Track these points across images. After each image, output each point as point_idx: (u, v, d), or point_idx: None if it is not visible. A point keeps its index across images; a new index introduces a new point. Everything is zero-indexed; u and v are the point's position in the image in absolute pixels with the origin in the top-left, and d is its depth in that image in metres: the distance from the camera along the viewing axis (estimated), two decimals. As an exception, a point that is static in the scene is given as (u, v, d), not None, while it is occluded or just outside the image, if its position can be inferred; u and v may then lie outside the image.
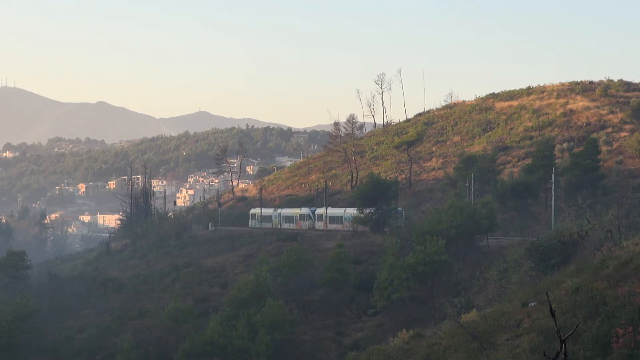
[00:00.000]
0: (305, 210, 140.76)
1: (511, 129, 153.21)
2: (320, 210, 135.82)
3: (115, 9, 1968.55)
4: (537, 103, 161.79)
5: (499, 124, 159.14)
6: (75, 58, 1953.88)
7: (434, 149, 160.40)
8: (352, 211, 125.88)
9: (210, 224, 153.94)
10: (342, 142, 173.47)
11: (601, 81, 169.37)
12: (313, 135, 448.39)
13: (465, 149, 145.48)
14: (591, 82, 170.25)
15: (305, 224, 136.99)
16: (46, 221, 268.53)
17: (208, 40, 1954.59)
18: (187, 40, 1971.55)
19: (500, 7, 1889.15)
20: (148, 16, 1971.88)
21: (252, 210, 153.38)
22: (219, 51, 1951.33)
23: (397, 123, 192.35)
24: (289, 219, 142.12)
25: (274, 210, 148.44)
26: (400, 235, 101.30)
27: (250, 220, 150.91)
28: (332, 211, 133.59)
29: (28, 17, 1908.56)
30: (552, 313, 8.48)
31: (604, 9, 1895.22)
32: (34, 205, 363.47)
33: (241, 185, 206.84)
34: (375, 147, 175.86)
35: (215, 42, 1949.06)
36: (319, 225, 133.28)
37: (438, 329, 68.93)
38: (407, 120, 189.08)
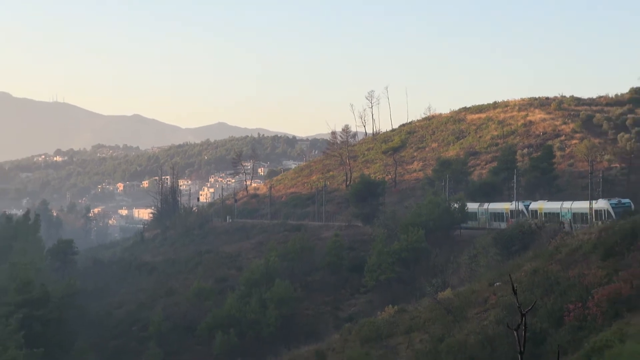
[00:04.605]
0: (517, 206, 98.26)
1: (480, 137, 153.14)
2: (535, 205, 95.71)
3: (148, 37, 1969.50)
4: (502, 115, 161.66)
5: (469, 133, 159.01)
6: (114, 77, 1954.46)
7: (415, 154, 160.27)
8: (576, 205, 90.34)
9: (227, 216, 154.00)
10: (338, 148, 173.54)
11: (556, 97, 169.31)
12: (314, 143, 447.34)
13: (442, 154, 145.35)
14: (547, 98, 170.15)
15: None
16: (90, 215, 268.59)
17: (228, 62, 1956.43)
18: (210, 62, 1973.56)
19: (471, 34, 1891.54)
20: (178, 41, 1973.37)
21: None
22: (236, 71, 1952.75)
23: (384, 132, 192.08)
24: (498, 216, 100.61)
25: (479, 206, 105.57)
26: (387, 226, 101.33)
27: None
28: (550, 206, 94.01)
29: (74, 41, 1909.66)
30: (514, 291, 8.53)
31: (560, 35, 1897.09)
32: (80, 201, 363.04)
33: (254, 185, 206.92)
34: (366, 152, 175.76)
35: (234, 64, 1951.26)
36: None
37: (419, 305, 69.06)
38: (393, 130, 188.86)
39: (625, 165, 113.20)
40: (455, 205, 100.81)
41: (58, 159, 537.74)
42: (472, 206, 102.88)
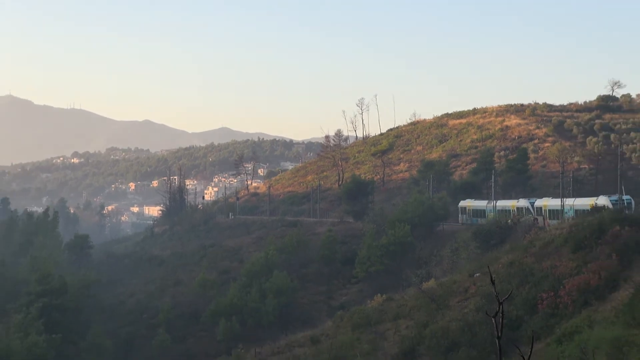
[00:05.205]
0: (523, 203, 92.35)
1: (461, 140, 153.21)
2: (540, 202, 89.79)
3: (157, 49, 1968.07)
4: (481, 120, 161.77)
5: (451, 136, 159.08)
6: (127, 86, 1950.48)
7: (401, 156, 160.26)
8: (578, 202, 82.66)
9: (230, 213, 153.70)
10: (332, 151, 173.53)
11: (530, 104, 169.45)
12: (309, 146, 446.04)
13: (426, 156, 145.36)
14: (522, 105, 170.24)
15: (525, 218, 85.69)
16: (104, 212, 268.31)
17: (231, 73, 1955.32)
18: (214, 73, 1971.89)
19: (453, 47, 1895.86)
20: (185, 52, 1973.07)
21: (462, 203, 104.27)
22: (238, 81, 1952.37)
23: (373, 136, 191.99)
24: (505, 213, 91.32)
25: (487, 203, 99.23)
26: (376, 222, 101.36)
27: (460, 215, 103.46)
28: (553, 203, 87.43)
29: (90, 52, 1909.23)
30: (492, 281, 8.47)
31: (534, 48, 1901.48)
32: (95, 199, 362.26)
33: (254, 184, 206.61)
34: (356, 154, 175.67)
35: (236, 75, 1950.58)
36: (539, 220, 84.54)
37: (405, 294, 69.12)
38: (381, 134, 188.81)
39: (594, 166, 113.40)
40: (438, 203, 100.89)
41: (75, 160, 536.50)
42: (481, 204, 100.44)
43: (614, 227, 56.92)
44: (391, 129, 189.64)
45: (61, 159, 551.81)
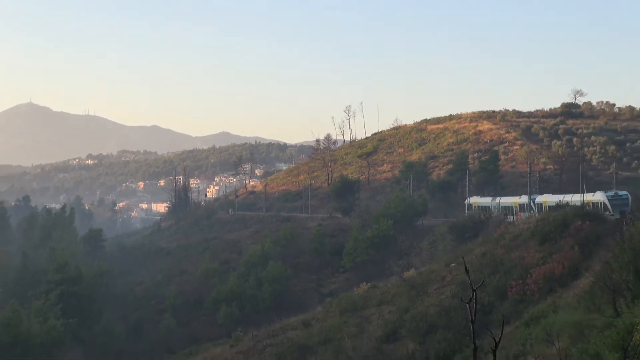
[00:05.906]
0: (524, 199, 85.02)
1: (438, 143, 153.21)
2: (541, 199, 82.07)
3: (164, 60, 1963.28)
4: (456, 125, 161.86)
5: (430, 140, 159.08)
6: (136, 94, 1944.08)
7: (385, 157, 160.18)
8: (576, 199, 73.52)
9: (230, 210, 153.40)
10: (322, 153, 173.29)
11: (501, 110, 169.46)
12: (301, 148, 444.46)
13: (407, 158, 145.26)
14: (494, 111, 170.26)
15: (526, 215, 79.94)
16: (116, 208, 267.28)
17: (231, 82, 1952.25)
18: (215, 83, 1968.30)
19: (433, 57, 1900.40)
20: (189, 63, 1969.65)
21: (468, 200, 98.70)
22: (237, 89, 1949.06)
23: (359, 140, 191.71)
24: (507, 209, 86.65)
25: (492, 200, 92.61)
26: (361, 217, 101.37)
27: (466, 211, 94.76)
28: (552, 199, 79.30)
29: (103, 64, 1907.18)
30: (467, 271, 8.50)
31: (505, 59, 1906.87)
32: (107, 197, 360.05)
33: (251, 183, 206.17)
34: (344, 156, 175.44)
35: (236, 84, 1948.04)
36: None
37: (388, 282, 69.15)
38: (366, 138, 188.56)
39: (558, 167, 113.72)
40: (418, 200, 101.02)
41: (89, 162, 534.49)
42: (486, 200, 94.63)
43: (576, 222, 57.15)
44: (375, 133, 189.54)
45: (77, 160, 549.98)
